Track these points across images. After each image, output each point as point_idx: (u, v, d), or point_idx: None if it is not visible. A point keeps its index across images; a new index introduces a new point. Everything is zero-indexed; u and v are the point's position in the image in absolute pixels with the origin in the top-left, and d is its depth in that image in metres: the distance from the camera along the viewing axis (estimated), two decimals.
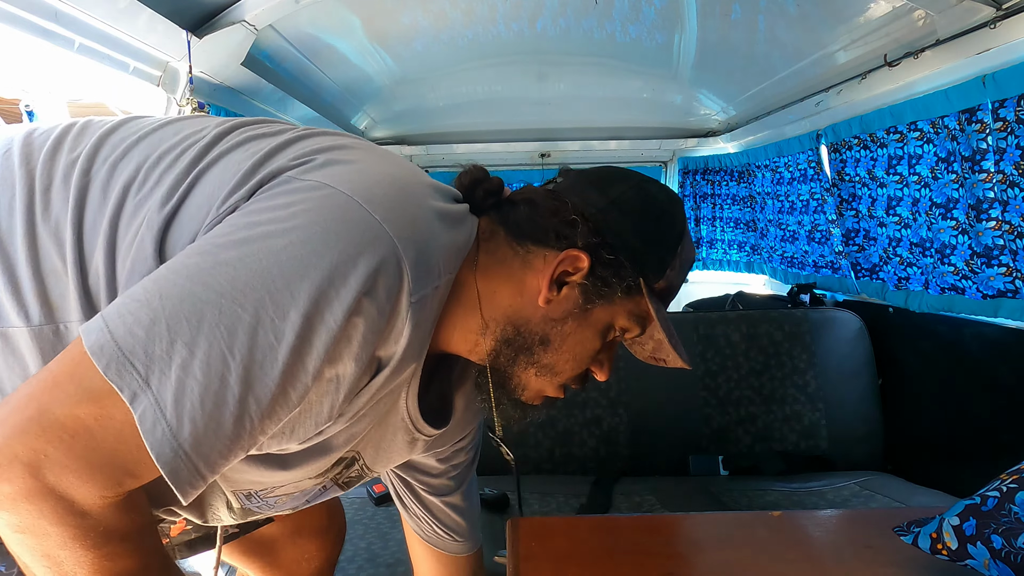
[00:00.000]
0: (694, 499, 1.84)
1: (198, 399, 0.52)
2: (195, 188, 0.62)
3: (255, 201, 0.59)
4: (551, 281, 0.71)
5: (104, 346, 0.51)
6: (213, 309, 0.53)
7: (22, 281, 0.60)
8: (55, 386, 0.52)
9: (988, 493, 0.74)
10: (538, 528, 0.97)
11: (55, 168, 0.65)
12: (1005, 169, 1.49)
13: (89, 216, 0.62)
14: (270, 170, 0.61)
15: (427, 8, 1.90)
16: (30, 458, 0.50)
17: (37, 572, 0.55)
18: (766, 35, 1.99)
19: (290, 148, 0.65)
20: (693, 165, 3.37)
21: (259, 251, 0.55)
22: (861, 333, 2.16)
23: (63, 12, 1.22)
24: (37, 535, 0.53)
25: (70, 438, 0.51)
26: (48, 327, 0.60)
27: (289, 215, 0.57)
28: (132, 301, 0.54)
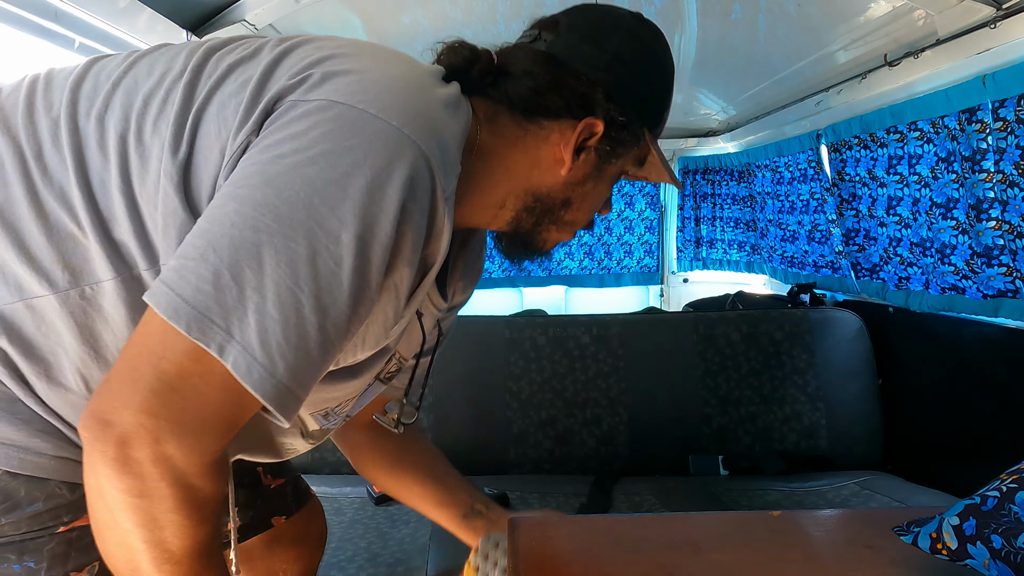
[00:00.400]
0: (694, 499, 1.84)
1: (281, 335, 0.54)
2: (199, 129, 0.61)
3: (269, 134, 0.58)
4: (573, 152, 0.74)
5: (179, 309, 0.52)
6: (269, 250, 0.54)
7: (37, 250, 0.59)
8: (150, 356, 0.53)
9: (988, 493, 0.74)
10: (538, 528, 0.97)
11: (39, 131, 0.63)
12: (1005, 169, 1.49)
13: (95, 175, 0.61)
14: (270, 96, 0.60)
15: (427, 8, 1.90)
16: (151, 425, 0.52)
17: (133, 543, 0.56)
18: (766, 35, 1.99)
19: (280, 67, 0.63)
20: (693, 165, 3.37)
21: (294, 183, 0.55)
22: (861, 333, 2.16)
23: (63, 11, 1.22)
24: (154, 499, 0.54)
25: (180, 400, 0.53)
26: (75, 291, 0.60)
27: (311, 141, 0.56)
28: (188, 260, 0.54)
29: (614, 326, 2.18)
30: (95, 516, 0.56)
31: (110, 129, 0.62)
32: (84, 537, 0.63)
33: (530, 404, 2.11)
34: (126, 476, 0.53)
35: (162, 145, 0.60)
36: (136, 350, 0.54)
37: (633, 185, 3.51)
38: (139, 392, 0.53)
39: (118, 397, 0.53)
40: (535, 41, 0.76)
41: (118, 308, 0.61)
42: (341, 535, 1.66)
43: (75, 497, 0.62)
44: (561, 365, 2.14)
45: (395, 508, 1.80)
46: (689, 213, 3.47)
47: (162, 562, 0.56)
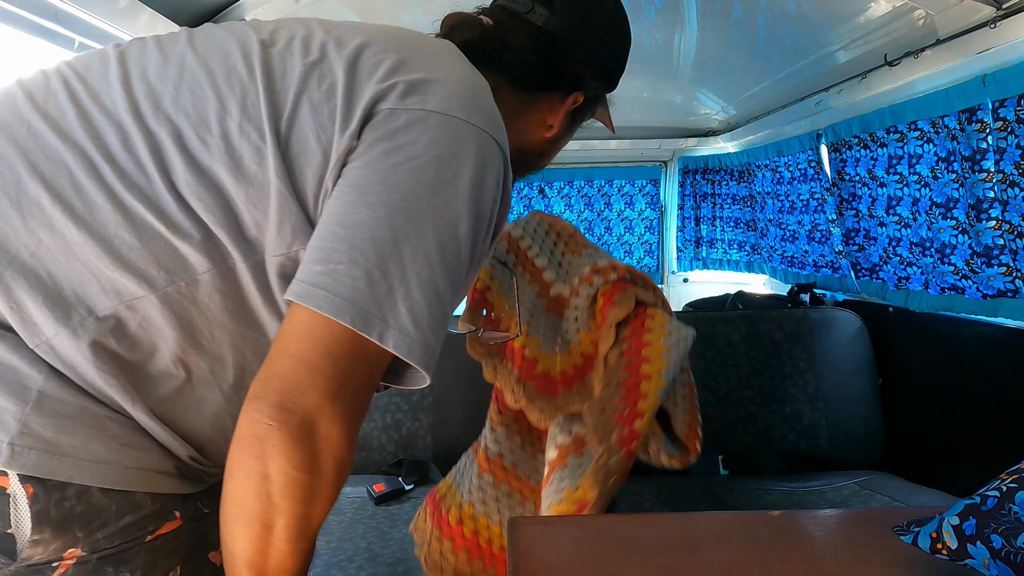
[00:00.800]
0: (694, 499, 1.84)
1: (427, 315, 0.63)
2: (292, 133, 0.66)
3: (378, 141, 0.66)
4: (563, 115, 0.91)
5: (342, 308, 0.60)
6: (406, 247, 0.63)
7: (129, 253, 0.62)
8: (322, 348, 0.60)
9: (988, 493, 0.74)
10: (538, 528, 0.97)
11: (103, 134, 0.64)
12: (1005, 169, 1.49)
13: (178, 176, 0.64)
14: (365, 103, 0.67)
15: (427, 7, 1.90)
16: (328, 407, 0.60)
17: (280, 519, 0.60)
18: (766, 35, 1.99)
19: (359, 72, 0.69)
20: (693, 164, 3.37)
21: (417, 187, 0.64)
22: (861, 333, 2.16)
23: (63, 11, 1.22)
24: (319, 473, 0.61)
25: (350, 383, 0.61)
26: (172, 287, 0.64)
27: (421, 149, 0.65)
28: (338, 265, 0.61)
29: None
30: (238, 498, 0.61)
31: (188, 132, 0.65)
32: (166, 544, 0.66)
33: None
34: (303, 454, 0.59)
35: (257, 147, 0.65)
36: (303, 345, 0.60)
37: (633, 184, 3.52)
38: (317, 380, 0.59)
39: (297, 387, 0.59)
40: (529, 12, 0.87)
41: (213, 298, 0.66)
42: (341, 535, 1.66)
43: (156, 507, 0.65)
44: None
45: (395, 508, 1.80)
46: (689, 213, 3.47)
47: (299, 536, 0.62)
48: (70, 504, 0.60)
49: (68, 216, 0.61)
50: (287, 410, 0.58)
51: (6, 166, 0.62)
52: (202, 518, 0.71)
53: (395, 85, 0.68)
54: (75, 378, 0.62)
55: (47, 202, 0.61)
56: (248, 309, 0.67)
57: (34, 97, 0.67)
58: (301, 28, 0.74)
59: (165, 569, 0.67)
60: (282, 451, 0.58)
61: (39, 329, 0.60)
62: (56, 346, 0.61)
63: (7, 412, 0.58)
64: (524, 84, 0.86)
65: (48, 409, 0.60)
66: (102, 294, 0.62)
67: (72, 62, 0.71)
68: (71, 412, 0.61)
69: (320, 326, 0.60)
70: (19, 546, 0.59)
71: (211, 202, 0.64)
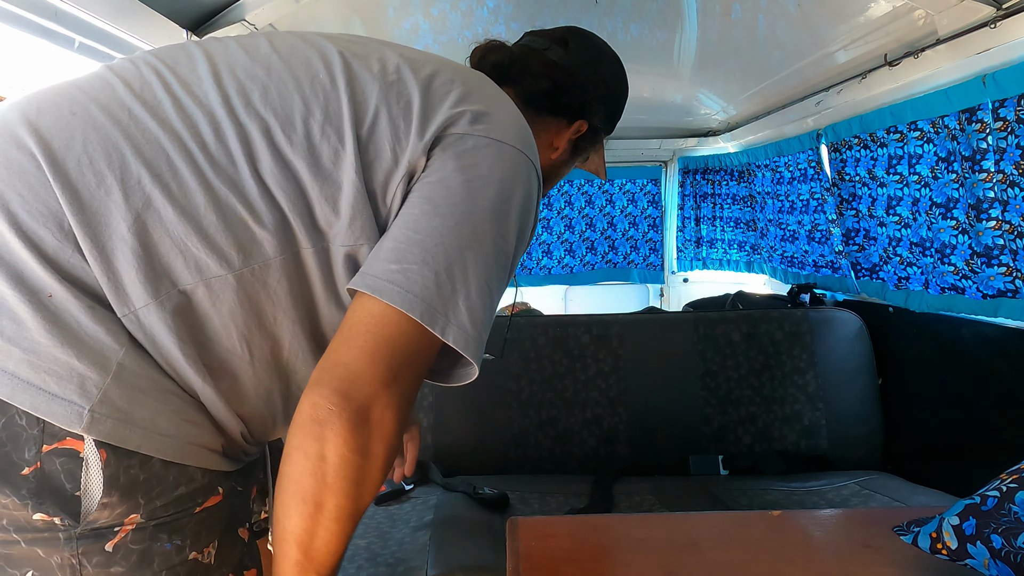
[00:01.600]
0: (694, 499, 1.84)
1: (483, 314, 0.71)
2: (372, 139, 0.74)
3: (450, 158, 0.74)
4: (567, 140, 1.01)
5: (412, 303, 0.67)
6: (469, 253, 0.71)
7: (214, 234, 0.68)
8: (385, 339, 0.67)
9: (988, 493, 0.74)
10: (538, 528, 0.97)
11: (197, 123, 0.71)
12: (1005, 169, 1.49)
13: (264, 167, 0.70)
14: (438, 125, 0.75)
15: (427, 7, 1.90)
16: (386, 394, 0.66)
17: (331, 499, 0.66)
18: (766, 35, 1.99)
19: (432, 96, 0.77)
20: (693, 164, 3.37)
21: (481, 203, 0.73)
22: (861, 333, 2.16)
23: (63, 11, 1.22)
24: (371, 456, 0.67)
25: (407, 371, 0.68)
26: (247, 269, 0.69)
27: (486, 171, 0.75)
28: (411, 265, 0.68)
29: (614, 326, 2.18)
30: (295, 477, 0.66)
31: (275, 128, 0.72)
32: (210, 517, 0.71)
33: (530, 404, 2.11)
34: (359, 438, 0.65)
35: (335, 149, 0.72)
36: (370, 336, 0.67)
37: (634, 183, 3.52)
38: (379, 368, 0.66)
39: (359, 375, 0.66)
40: (547, 50, 1.01)
41: (281, 282, 0.71)
42: None
43: (206, 481, 0.70)
44: (561, 365, 2.14)
45: (395, 508, 1.80)
46: (689, 213, 3.47)
47: (346, 518, 0.68)
48: (135, 472, 0.64)
49: (165, 195, 0.67)
50: (348, 397, 0.65)
51: (112, 147, 0.68)
52: (237, 495, 0.76)
53: (464, 113, 0.77)
54: (153, 351, 0.67)
55: (147, 181, 0.67)
56: (310, 295, 0.73)
57: (131, 85, 0.73)
58: (375, 47, 0.83)
59: (208, 540, 0.71)
60: (340, 434, 0.64)
61: (129, 299, 0.65)
62: (142, 317, 0.66)
63: (90, 381, 0.62)
64: (536, 106, 0.97)
65: (126, 381, 0.64)
66: (186, 270, 0.67)
67: (158, 53, 0.78)
68: (144, 385, 0.65)
69: (389, 318, 0.67)
70: (85, 508, 0.62)
71: (290, 192, 0.70)
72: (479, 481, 1.89)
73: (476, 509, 1.75)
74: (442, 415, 2.08)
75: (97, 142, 0.67)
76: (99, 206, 0.65)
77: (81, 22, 1.27)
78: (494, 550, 1.47)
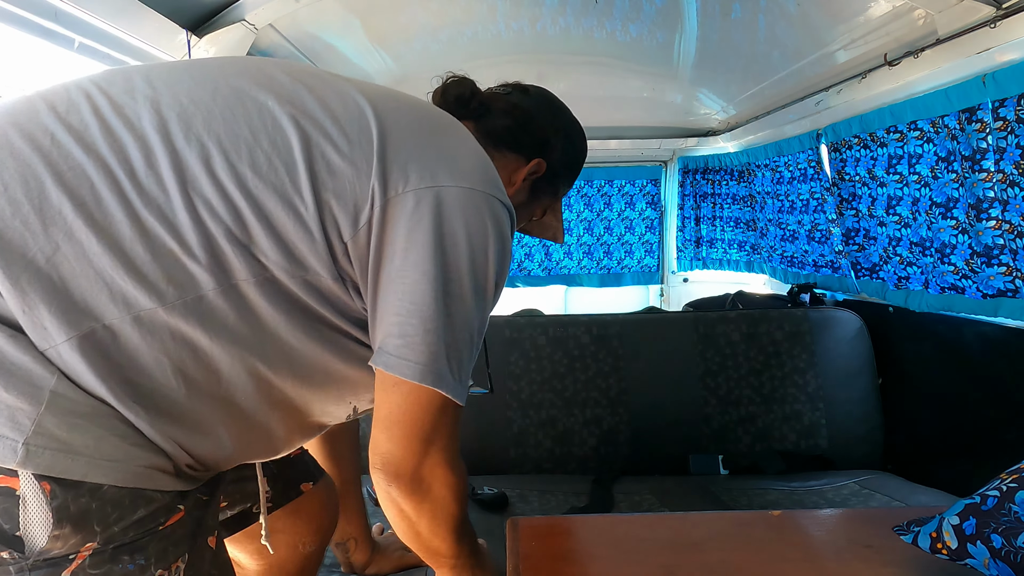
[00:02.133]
0: (694, 498, 1.84)
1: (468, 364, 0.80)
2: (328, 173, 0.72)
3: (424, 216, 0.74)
4: (523, 178, 1.00)
5: (422, 373, 0.75)
6: (457, 314, 0.76)
7: (143, 266, 0.65)
8: (415, 415, 0.78)
9: (988, 492, 0.74)
10: (538, 528, 0.97)
11: (126, 149, 0.67)
12: (1005, 168, 1.49)
13: (198, 198, 0.67)
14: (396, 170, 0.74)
15: (427, 7, 1.90)
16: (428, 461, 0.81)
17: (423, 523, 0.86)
18: (766, 34, 1.99)
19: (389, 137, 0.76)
20: (693, 164, 3.37)
21: (458, 258, 0.76)
22: (861, 333, 2.16)
23: (63, 11, 1.22)
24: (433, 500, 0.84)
25: (437, 433, 0.80)
26: (179, 302, 0.66)
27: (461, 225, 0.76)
28: (412, 337, 0.75)
29: (614, 326, 2.18)
30: (398, 525, 0.87)
31: (216, 156, 0.68)
32: (175, 533, 0.70)
33: (530, 404, 2.11)
34: (417, 494, 0.82)
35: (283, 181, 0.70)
36: (399, 423, 0.78)
37: (633, 184, 3.52)
38: (413, 445, 0.79)
39: (401, 458, 0.79)
40: (509, 95, 1.03)
41: (217, 315, 0.68)
42: None
43: (166, 500, 0.68)
44: (561, 365, 2.14)
45: None
46: (689, 213, 3.47)
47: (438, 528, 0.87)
48: (86, 500, 0.62)
49: (88, 225, 0.63)
50: (397, 475, 0.80)
51: (31, 174, 0.64)
52: (202, 506, 0.75)
53: (427, 160, 0.76)
54: (81, 384, 0.63)
55: (69, 210, 0.63)
56: (259, 327, 0.70)
57: (56, 108, 0.68)
58: (334, 81, 0.81)
59: (175, 556, 0.70)
60: (405, 498, 0.82)
61: (48, 334, 0.61)
62: (63, 353, 0.62)
63: (21, 412, 0.59)
64: (496, 140, 0.98)
65: (61, 408, 0.61)
66: (112, 304, 0.63)
67: (93, 77, 0.73)
68: (83, 411, 0.62)
69: (402, 395, 0.77)
70: (29, 545, 0.60)
71: (230, 222, 0.67)
72: (479, 481, 1.89)
73: (475, 509, 1.75)
74: None
75: (14, 169, 0.63)
76: (14, 236, 0.61)
77: (81, 22, 1.27)
78: (494, 550, 1.47)
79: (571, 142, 1.07)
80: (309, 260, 0.71)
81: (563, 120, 1.07)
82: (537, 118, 1.02)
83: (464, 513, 0.90)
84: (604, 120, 3.11)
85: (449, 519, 0.87)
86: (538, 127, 1.01)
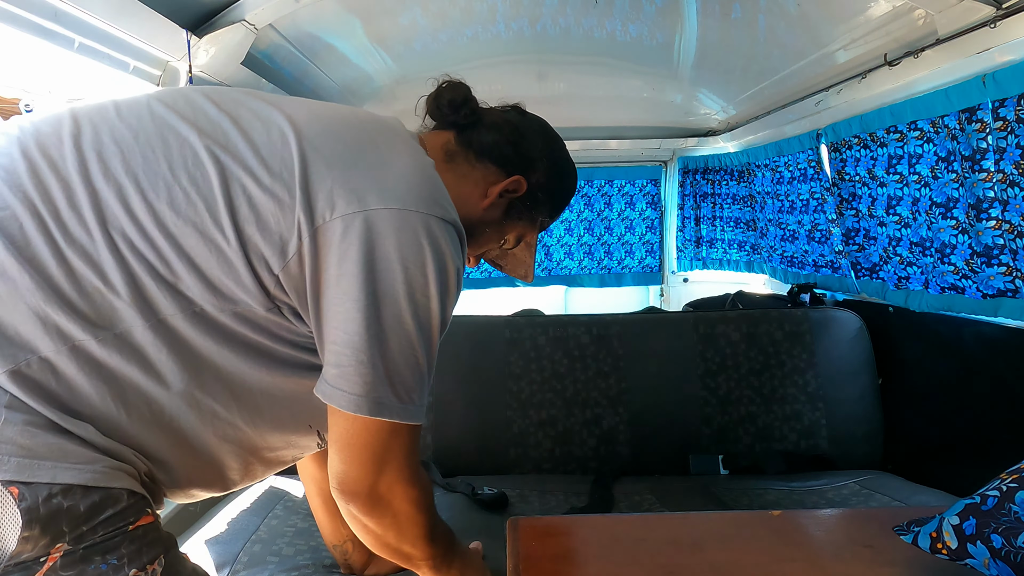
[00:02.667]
0: (694, 498, 1.84)
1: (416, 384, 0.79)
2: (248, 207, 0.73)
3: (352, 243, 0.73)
4: (498, 192, 0.96)
5: (358, 403, 0.75)
6: (393, 338, 0.76)
7: (74, 301, 0.67)
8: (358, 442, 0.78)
9: (988, 492, 0.74)
10: (538, 528, 0.97)
11: (50, 190, 0.69)
12: (1005, 168, 1.49)
13: (118, 235, 0.69)
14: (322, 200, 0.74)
15: (427, 7, 1.90)
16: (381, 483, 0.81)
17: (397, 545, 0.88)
18: (766, 35, 1.99)
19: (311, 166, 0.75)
20: (693, 164, 3.37)
21: (393, 283, 0.75)
22: (861, 333, 2.16)
23: (63, 11, 1.22)
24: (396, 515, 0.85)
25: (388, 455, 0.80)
26: (108, 333, 0.69)
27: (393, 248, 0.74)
28: (345, 368, 0.75)
29: (614, 326, 2.18)
30: (368, 540, 0.88)
31: (132, 194, 0.70)
32: (149, 534, 0.71)
33: (530, 404, 2.11)
34: (379, 511, 0.83)
35: (202, 218, 0.71)
36: (346, 447, 0.78)
37: (633, 184, 3.52)
38: (365, 467, 0.79)
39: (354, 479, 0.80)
40: (507, 112, 1.03)
41: (149, 347, 0.71)
42: None
43: (134, 500, 0.70)
44: (561, 365, 2.14)
45: None
46: (689, 213, 3.47)
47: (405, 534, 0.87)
48: (57, 501, 0.63)
49: (20, 263, 0.66)
50: (354, 494, 0.81)
51: None
52: None
53: (352, 188, 0.75)
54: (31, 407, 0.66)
55: (1, 249, 0.66)
56: (194, 357, 0.73)
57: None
58: (264, 109, 0.80)
59: (151, 556, 0.71)
60: (366, 516, 0.84)
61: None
62: (4, 384, 0.65)
63: None
64: (478, 150, 0.96)
65: (19, 420, 0.64)
66: (46, 336, 0.66)
67: (24, 117, 0.76)
68: (40, 423, 0.65)
69: (351, 424, 0.78)
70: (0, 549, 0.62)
71: (152, 261, 0.70)
72: (479, 481, 1.89)
73: (476, 509, 1.75)
74: (442, 415, 2.08)
75: None
76: None
77: (81, 22, 1.27)
78: (494, 550, 1.47)
79: (557, 171, 1.03)
80: (237, 294, 0.72)
81: (554, 149, 1.04)
82: (528, 137, 1.00)
83: (431, 519, 0.90)
84: (604, 120, 3.12)
85: (415, 527, 0.87)
86: (526, 145, 0.99)
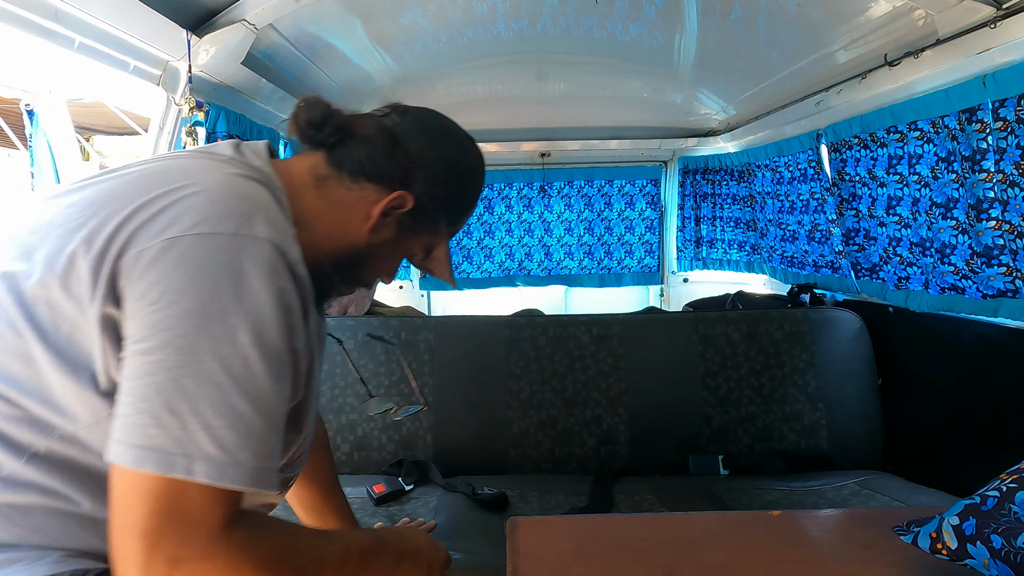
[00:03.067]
0: (694, 499, 1.84)
1: (233, 436, 0.65)
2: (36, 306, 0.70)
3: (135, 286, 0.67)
4: (380, 212, 0.87)
5: (138, 457, 0.63)
6: (186, 379, 0.64)
7: None
8: (134, 506, 0.63)
9: (988, 493, 0.74)
10: (538, 528, 0.97)
11: None
12: (1005, 169, 1.49)
13: None
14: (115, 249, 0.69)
15: (427, 7, 1.90)
16: (158, 556, 0.62)
17: None
18: (766, 35, 2.00)
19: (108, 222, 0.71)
20: (693, 164, 3.37)
21: (180, 319, 0.65)
22: (861, 333, 2.16)
23: (63, 11, 1.22)
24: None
25: (173, 523, 0.63)
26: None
27: (178, 280, 0.67)
28: (128, 417, 0.64)
29: (614, 326, 2.18)
30: None
31: None
32: None
33: (530, 404, 2.11)
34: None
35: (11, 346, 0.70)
36: (122, 505, 0.64)
37: (633, 184, 3.52)
38: (136, 543, 0.62)
39: (124, 555, 0.63)
40: (385, 117, 0.91)
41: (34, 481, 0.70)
42: None
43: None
44: (561, 365, 2.14)
45: (395, 508, 1.80)
46: (689, 213, 3.47)
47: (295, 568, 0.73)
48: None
49: None
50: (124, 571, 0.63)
51: None
52: None
53: (135, 223, 0.70)
54: None
55: None
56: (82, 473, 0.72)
57: None
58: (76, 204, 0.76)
59: None
60: None
61: None
62: None
63: None
64: (351, 170, 0.88)
65: None
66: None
67: None
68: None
69: (130, 479, 0.64)
70: None
71: None
72: (479, 481, 1.89)
73: (476, 509, 1.75)
74: (442, 415, 2.08)
75: None
76: None
77: (81, 22, 1.27)
78: (494, 550, 1.47)
79: (448, 175, 0.92)
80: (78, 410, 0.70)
81: (442, 148, 0.92)
82: (405, 144, 0.89)
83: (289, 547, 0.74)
84: (604, 120, 3.12)
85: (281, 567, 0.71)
86: (402, 155, 0.89)
